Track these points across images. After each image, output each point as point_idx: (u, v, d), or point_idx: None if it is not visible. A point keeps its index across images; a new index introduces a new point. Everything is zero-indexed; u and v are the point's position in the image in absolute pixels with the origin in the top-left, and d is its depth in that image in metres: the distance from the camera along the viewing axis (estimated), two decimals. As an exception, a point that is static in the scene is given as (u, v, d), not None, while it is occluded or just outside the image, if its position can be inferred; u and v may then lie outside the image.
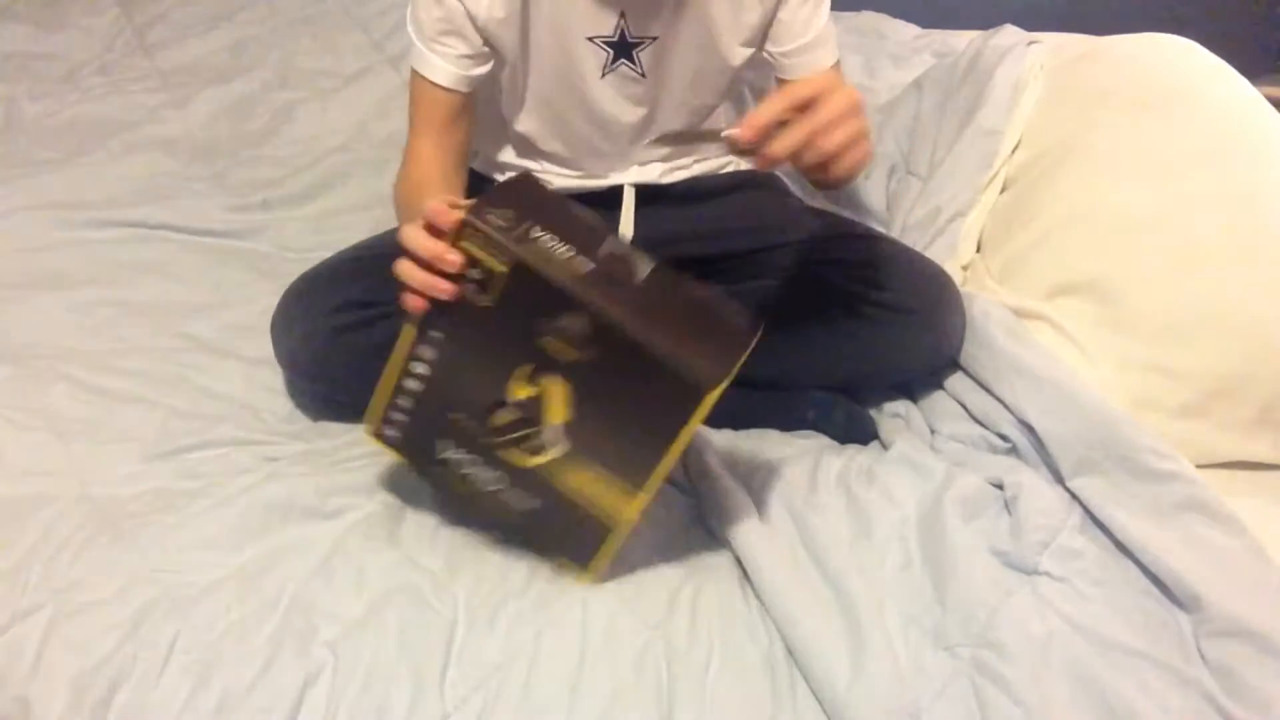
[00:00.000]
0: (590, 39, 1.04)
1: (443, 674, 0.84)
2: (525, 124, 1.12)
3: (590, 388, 0.80)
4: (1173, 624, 0.89)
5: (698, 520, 1.00)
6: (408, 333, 0.83)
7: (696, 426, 0.79)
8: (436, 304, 0.80)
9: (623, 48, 1.05)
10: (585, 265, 0.77)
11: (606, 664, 0.85)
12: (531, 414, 0.83)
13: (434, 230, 0.77)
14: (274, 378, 1.12)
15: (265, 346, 1.09)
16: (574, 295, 0.76)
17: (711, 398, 0.76)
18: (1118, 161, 1.15)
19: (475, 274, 0.77)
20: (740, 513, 0.96)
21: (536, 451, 0.85)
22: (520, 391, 0.82)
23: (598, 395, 0.81)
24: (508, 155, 1.18)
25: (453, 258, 0.76)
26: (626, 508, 0.85)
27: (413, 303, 0.79)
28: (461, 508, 0.92)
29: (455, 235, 0.76)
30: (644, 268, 0.81)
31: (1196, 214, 1.07)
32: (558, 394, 0.81)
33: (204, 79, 1.70)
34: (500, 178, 1.21)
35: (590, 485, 0.85)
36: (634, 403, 0.79)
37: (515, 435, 0.85)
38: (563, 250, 0.77)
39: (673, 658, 0.86)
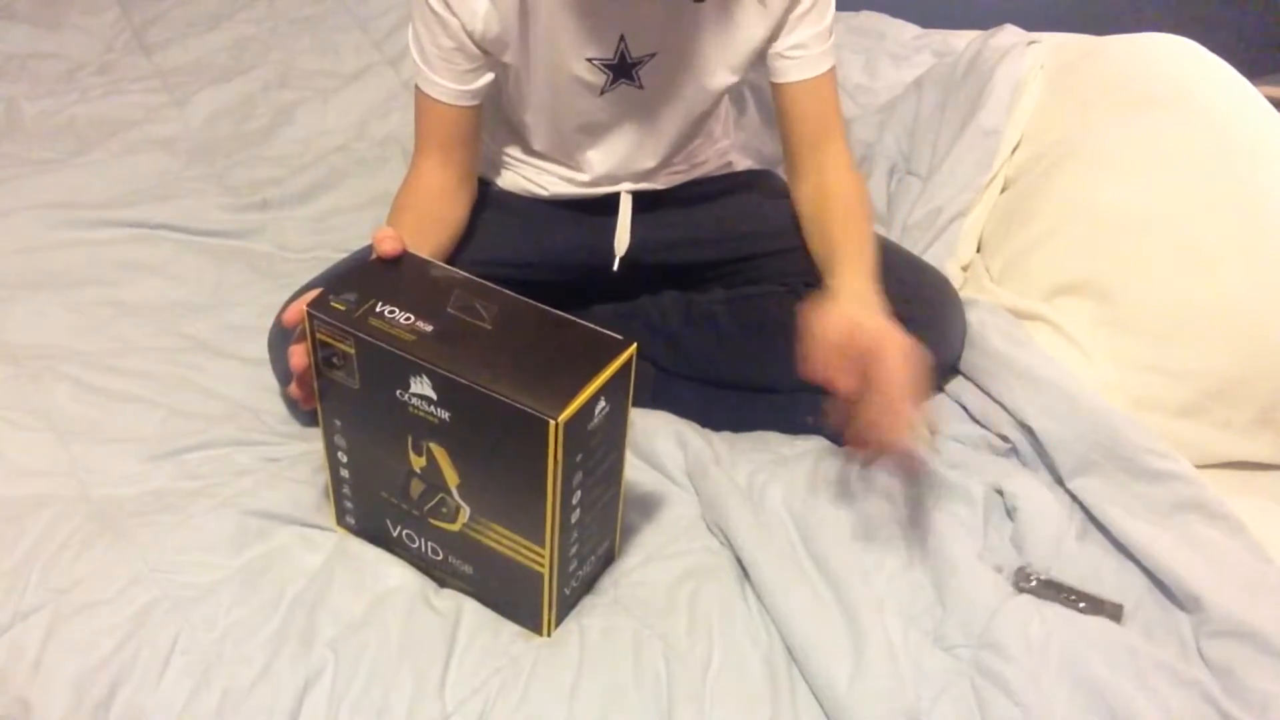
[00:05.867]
0: (590, 60, 1.03)
1: (443, 675, 0.84)
2: (525, 119, 1.12)
3: (461, 447, 0.80)
4: (1173, 624, 0.89)
5: (698, 520, 1.00)
6: (322, 432, 0.89)
7: (570, 462, 0.77)
8: (324, 394, 0.86)
9: (622, 69, 1.05)
10: (426, 326, 0.79)
11: (606, 664, 0.85)
12: (435, 480, 0.84)
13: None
14: (274, 378, 1.12)
15: (265, 347, 1.09)
16: (412, 358, 0.77)
17: (558, 436, 0.73)
18: (1117, 161, 1.15)
19: (338, 360, 0.82)
20: (740, 513, 0.96)
21: (453, 517, 0.86)
22: (416, 462, 0.84)
23: (470, 453, 0.80)
24: (510, 153, 1.18)
25: (295, 361, 0.84)
26: (541, 560, 0.83)
27: (301, 403, 0.88)
28: (434, 579, 0.93)
29: (311, 327, 0.82)
30: (494, 309, 0.81)
31: (1196, 214, 1.07)
32: (443, 457, 0.82)
33: (204, 79, 1.70)
34: (499, 180, 1.21)
35: (504, 542, 0.84)
36: (499, 453, 0.78)
37: (430, 504, 0.86)
38: (404, 318, 0.79)
39: (672, 657, 0.86)
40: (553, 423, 0.73)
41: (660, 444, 1.07)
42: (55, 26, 1.83)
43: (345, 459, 0.90)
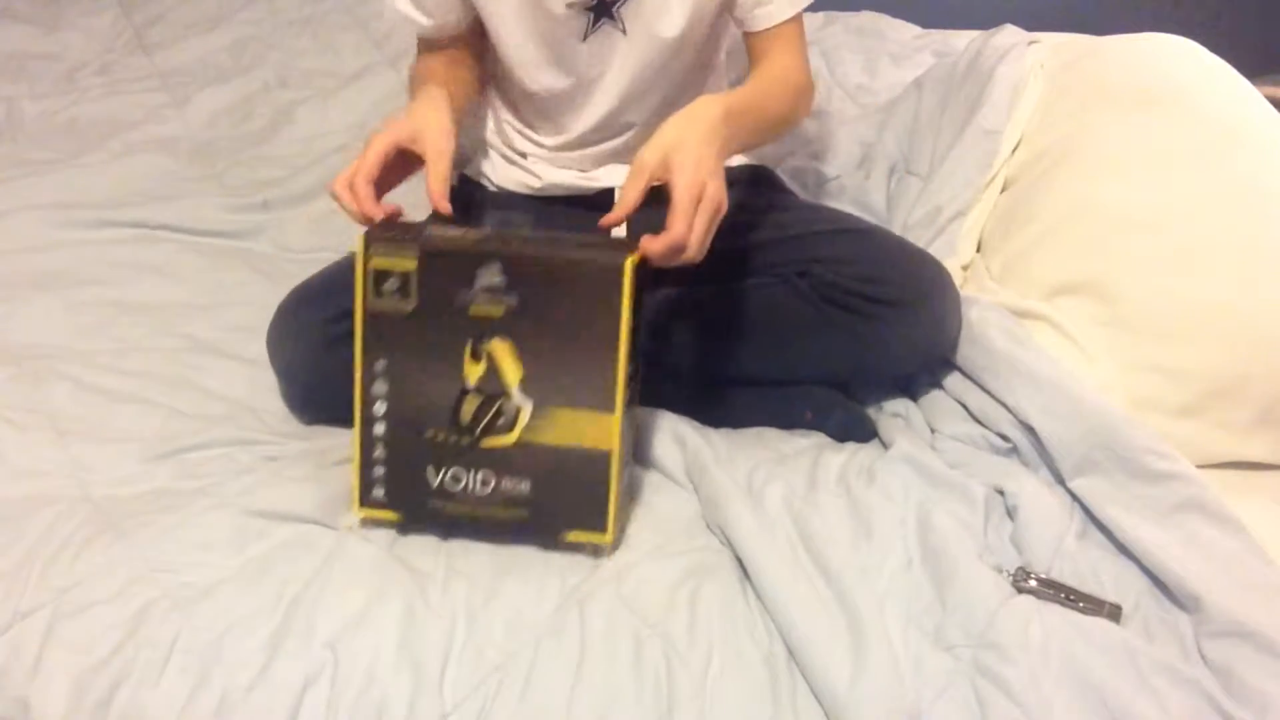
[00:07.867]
0: (570, 5, 1.06)
1: (442, 674, 0.84)
2: (511, 75, 1.15)
3: (529, 331, 0.87)
4: (1173, 624, 0.89)
5: (697, 519, 1.00)
6: (356, 387, 0.92)
7: (633, 323, 0.86)
8: (370, 333, 0.90)
9: (602, 8, 1.07)
10: (479, 234, 0.89)
11: (606, 663, 0.85)
12: (492, 388, 0.89)
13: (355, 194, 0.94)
14: (274, 378, 1.12)
15: (265, 347, 1.09)
16: (480, 251, 0.86)
17: (630, 279, 0.84)
18: (1118, 161, 1.15)
19: (391, 285, 0.88)
20: (740, 512, 0.96)
21: (511, 424, 0.89)
22: (472, 372, 0.88)
23: (539, 334, 0.87)
24: (499, 129, 1.19)
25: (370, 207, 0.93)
26: (608, 435, 0.89)
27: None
28: (470, 534, 0.94)
29: (365, 254, 0.88)
30: (528, 231, 0.93)
31: (1196, 213, 1.07)
32: (505, 354, 0.87)
33: (204, 79, 1.71)
34: (494, 176, 1.21)
35: (569, 430, 0.89)
36: (570, 323, 0.86)
37: (486, 419, 0.90)
38: (454, 232, 0.89)
39: (672, 657, 0.86)
40: (627, 262, 0.84)
41: (659, 442, 1.07)
42: (55, 26, 1.83)
43: (383, 409, 0.92)
